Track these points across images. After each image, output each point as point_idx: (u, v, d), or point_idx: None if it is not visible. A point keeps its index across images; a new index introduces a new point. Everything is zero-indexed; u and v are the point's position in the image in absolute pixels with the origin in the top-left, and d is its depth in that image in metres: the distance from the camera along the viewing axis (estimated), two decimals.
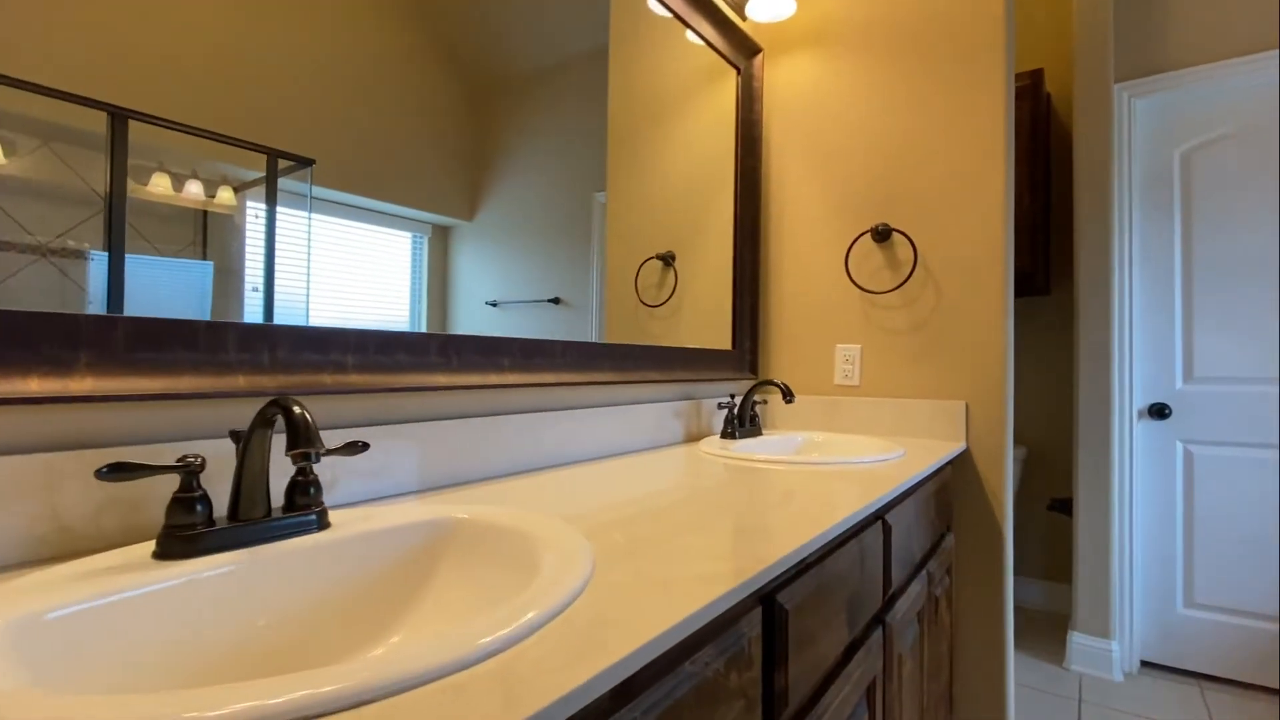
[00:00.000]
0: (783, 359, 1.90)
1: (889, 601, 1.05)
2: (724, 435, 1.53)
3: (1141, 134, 2.22)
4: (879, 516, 1.03)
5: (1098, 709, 1.95)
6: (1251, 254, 2.05)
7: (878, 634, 0.98)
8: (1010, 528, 1.58)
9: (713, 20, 1.68)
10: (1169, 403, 2.16)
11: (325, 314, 0.84)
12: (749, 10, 1.78)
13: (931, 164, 1.67)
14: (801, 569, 0.73)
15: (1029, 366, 2.71)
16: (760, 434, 1.61)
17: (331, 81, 0.85)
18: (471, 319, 1.05)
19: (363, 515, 0.69)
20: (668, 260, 1.62)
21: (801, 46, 1.90)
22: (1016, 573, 2.74)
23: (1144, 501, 2.19)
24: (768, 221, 1.94)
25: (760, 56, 1.89)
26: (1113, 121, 2.15)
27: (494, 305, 1.09)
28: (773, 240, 1.93)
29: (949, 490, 1.57)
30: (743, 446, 1.44)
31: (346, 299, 0.87)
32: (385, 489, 0.86)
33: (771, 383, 1.54)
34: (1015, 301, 2.74)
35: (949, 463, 1.58)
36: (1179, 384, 2.15)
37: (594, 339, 1.31)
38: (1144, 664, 2.20)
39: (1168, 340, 2.17)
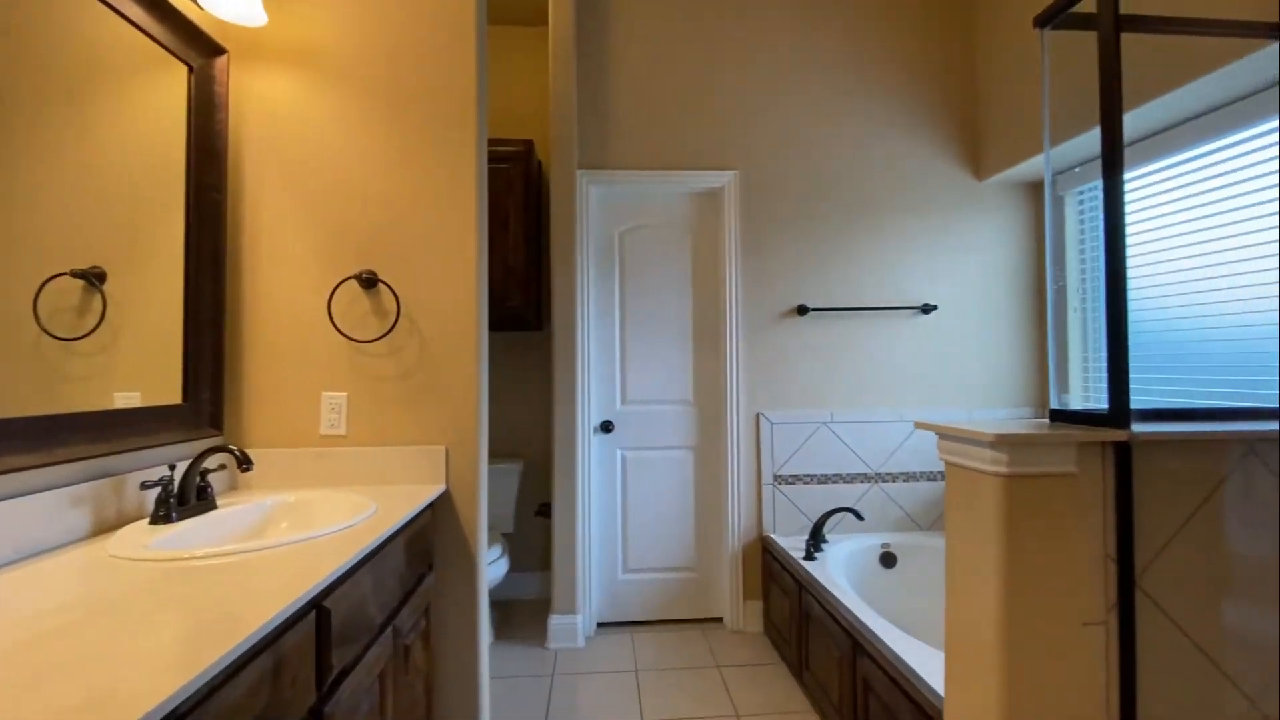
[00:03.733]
0: (262, 409, 1.68)
1: (327, 694, 1.03)
2: (154, 520, 1.24)
3: (595, 212, 2.85)
4: (315, 605, 0.99)
5: (566, 677, 2.40)
6: (663, 313, 2.87)
7: None
8: (483, 555, 1.78)
9: None
10: (613, 420, 2.83)
11: None
12: (205, 1, 1.50)
13: (415, 217, 1.74)
14: None
15: (527, 392, 3.15)
16: (214, 508, 1.37)
17: None
18: None
19: None
20: (93, 279, 1.23)
21: (283, 64, 1.72)
22: (520, 569, 3.16)
23: (597, 498, 2.82)
24: (238, 253, 1.68)
25: (225, 59, 1.62)
26: (575, 198, 2.68)
27: None
28: (246, 276, 1.69)
29: (429, 532, 1.66)
30: (173, 537, 1.19)
31: None
32: None
33: (225, 448, 1.33)
34: (513, 336, 3.15)
35: (430, 505, 1.67)
36: (619, 405, 2.84)
37: None
38: (600, 625, 2.82)
39: (611, 372, 2.84)
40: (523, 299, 2.82)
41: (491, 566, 2.53)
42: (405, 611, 1.42)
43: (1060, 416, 1.26)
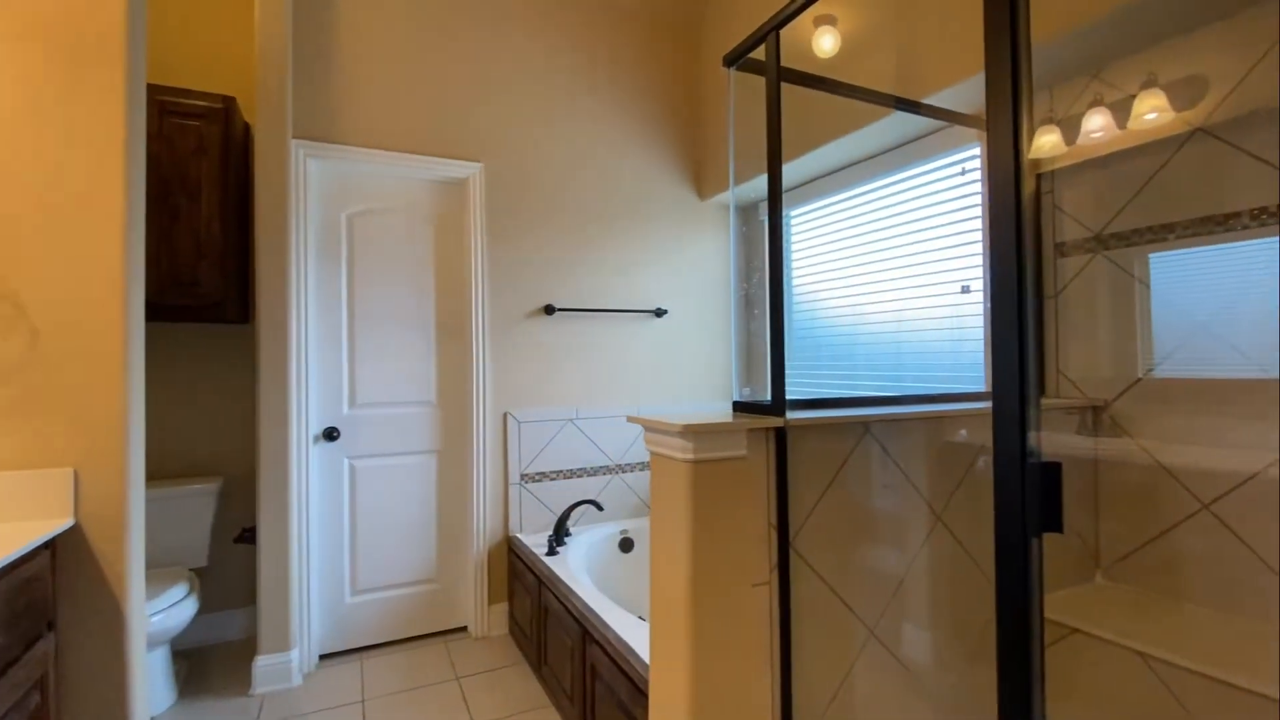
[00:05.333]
0: None
1: None
2: None
3: (316, 190, 2.52)
4: None
5: None
6: (402, 307, 2.64)
7: None
8: (137, 602, 1.43)
9: None
10: (339, 426, 2.53)
11: None
12: None
13: (22, 164, 1.32)
14: None
15: (228, 395, 2.66)
16: None
17: None
18: None
19: None
20: None
21: None
22: (219, 607, 2.65)
23: (318, 515, 2.49)
24: None
25: None
26: (289, 172, 2.33)
27: None
28: None
29: (45, 581, 1.28)
30: None
31: None
32: None
33: None
34: (210, 330, 2.63)
35: (47, 545, 1.29)
36: (346, 409, 2.55)
37: None
38: (323, 658, 2.50)
39: (337, 372, 2.54)
40: (219, 284, 2.36)
41: (169, 611, 2.07)
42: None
43: (740, 407, 1.44)
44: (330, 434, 2.50)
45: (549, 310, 2.81)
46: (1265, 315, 1.50)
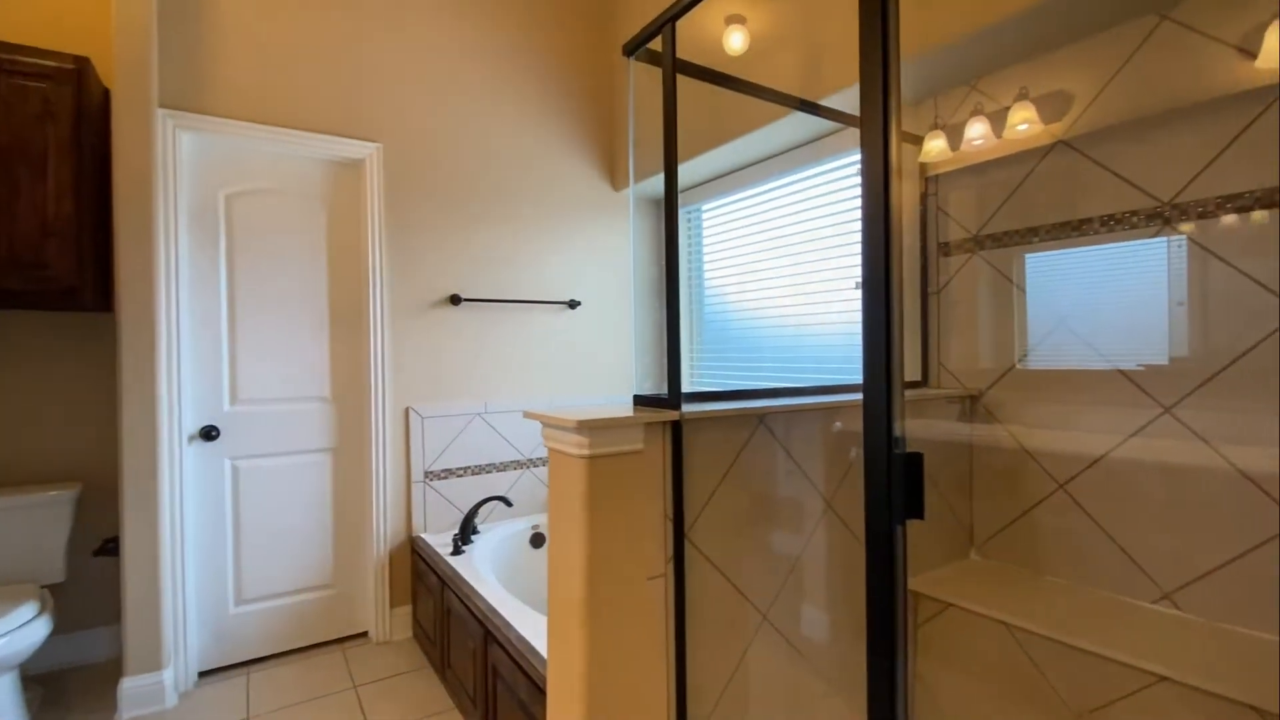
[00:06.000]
0: None
1: None
2: None
3: (189, 166, 2.29)
4: None
5: None
6: (291, 296, 2.46)
7: None
8: None
9: None
10: (218, 424, 2.33)
11: None
12: None
13: None
14: None
15: (86, 392, 2.39)
16: None
17: None
18: None
19: None
20: None
21: None
22: (79, 627, 2.39)
23: (194, 521, 2.29)
24: None
25: None
26: (156, 144, 2.11)
27: None
28: None
29: None
30: None
31: None
32: None
33: None
34: (62, 319, 2.35)
35: None
36: (228, 406, 2.35)
37: None
38: (203, 675, 2.31)
39: (215, 366, 2.33)
40: (73, 267, 2.11)
41: (15, 634, 1.85)
42: None
43: (640, 400, 1.44)
44: (208, 433, 2.30)
45: (455, 300, 2.71)
46: (1111, 312, 1.66)
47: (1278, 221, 1.38)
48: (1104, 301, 1.68)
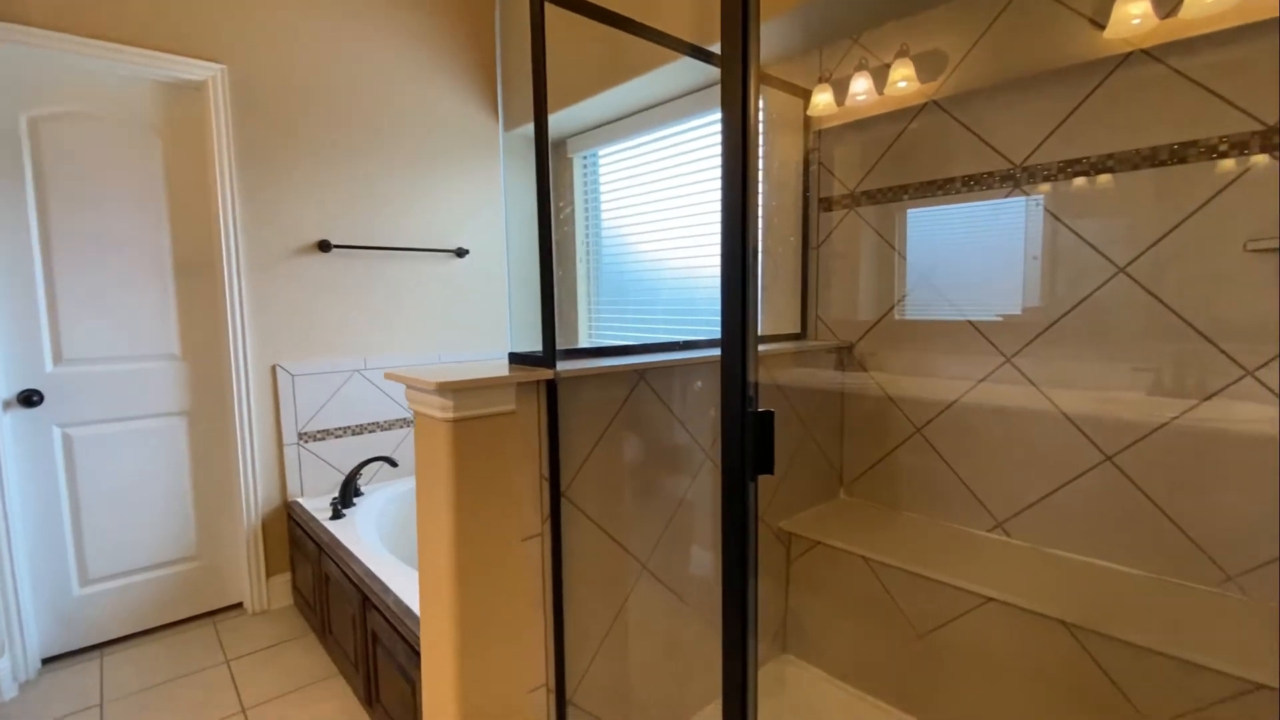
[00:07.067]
0: None
1: None
2: None
3: None
4: None
5: None
6: (122, 240, 2.14)
7: None
8: None
9: None
10: (40, 388, 2.04)
11: None
12: None
13: None
14: None
15: None
16: None
17: None
18: None
19: None
20: None
21: None
22: None
23: (19, 498, 2.03)
24: None
25: None
26: None
27: None
28: None
29: None
30: None
31: None
32: None
33: None
34: None
35: None
36: (50, 367, 2.06)
37: None
38: (46, 662, 2.10)
39: (33, 322, 2.02)
40: None
41: None
42: None
43: (516, 359, 1.39)
44: (29, 398, 2.01)
45: (324, 247, 2.48)
46: (976, 267, 1.78)
47: (1111, 185, 1.51)
48: (969, 256, 1.78)
